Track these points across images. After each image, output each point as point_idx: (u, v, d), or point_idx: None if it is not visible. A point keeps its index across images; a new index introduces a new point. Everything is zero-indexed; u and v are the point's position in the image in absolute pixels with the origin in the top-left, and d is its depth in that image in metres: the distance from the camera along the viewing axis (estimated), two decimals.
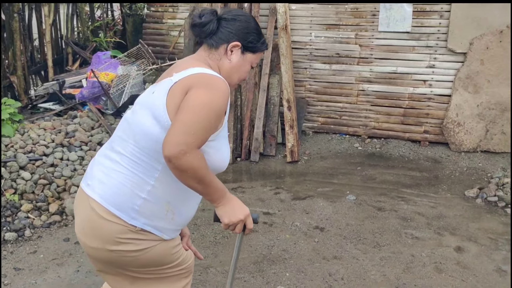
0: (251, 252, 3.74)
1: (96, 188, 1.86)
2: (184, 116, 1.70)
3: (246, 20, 1.98)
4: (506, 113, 5.43)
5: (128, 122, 1.92)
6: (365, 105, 6.02)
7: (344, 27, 5.88)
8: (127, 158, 1.85)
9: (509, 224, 4.14)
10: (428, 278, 3.40)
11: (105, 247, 1.84)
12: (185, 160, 1.67)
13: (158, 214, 1.86)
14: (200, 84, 1.77)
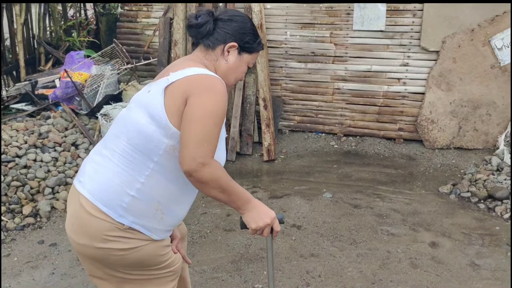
0: (229, 251, 3.74)
1: (87, 185, 1.85)
2: (195, 128, 1.71)
3: (243, 20, 1.99)
4: (478, 110, 5.53)
5: (122, 120, 1.92)
6: (340, 103, 6.06)
7: (319, 26, 5.91)
8: (118, 154, 1.84)
9: (482, 219, 4.21)
10: (403, 274, 3.44)
11: (93, 244, 1.82)
12: (205, 172, 1.70)
13: (146, 213, 1.84)
14: (201, 90, 1.77)
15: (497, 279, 3.38)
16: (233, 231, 4.02)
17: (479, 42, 5.37)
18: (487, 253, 3.70)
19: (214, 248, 3.79)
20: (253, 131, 5.70)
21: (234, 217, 4.23)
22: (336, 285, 3.33)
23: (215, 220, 4.21)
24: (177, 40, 5.47)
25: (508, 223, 4.13)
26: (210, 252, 3.73)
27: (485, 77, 5.45)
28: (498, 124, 5.52)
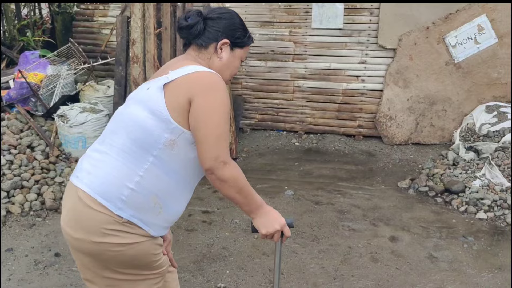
0: (191, 251, 3.71)
1: (84, 179, 1.85)
2: (209, 128, 1.77)
3: (231, 17, 2.02)
4: (434, 106, 5.66)
5: (120, 116, 1.94)
6: (301, 101, 6.10)
7: (278, 24, 5.93)
8: (117, 148, 1.86)
9: (439, 213, 4.31)
10: (364, 268, 3.49)
11: (90, 238, 1.81)
12: (226, 170, 1.78)
13: (145, 207, 1.84)
14: (205, 89, 1.81)
15: (454, 271, 3.46)
16: (195, 231, 3.99)
17: (434, 39, 5.50)
18: (444, 246, 3.79)
19: (176, 248, 3.75)
20: None
21: (195, 217, 4.21)
22: (298, 281, 3.35)
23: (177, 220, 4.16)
24: (135, 39, 5.39)
25: (464, 216, 4.24)
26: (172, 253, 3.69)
27: (440, 74, 5.58)
28: (453, 119, 5.67)
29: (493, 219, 4.17)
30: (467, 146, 5.18)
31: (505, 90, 5.50)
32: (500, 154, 4.68)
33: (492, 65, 5.46)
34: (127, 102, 1.97)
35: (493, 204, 4.30)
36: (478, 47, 5.43)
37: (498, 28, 5.34)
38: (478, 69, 5.50)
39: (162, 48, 5.51)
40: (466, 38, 5.43)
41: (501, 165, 4.57)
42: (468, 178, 4.68)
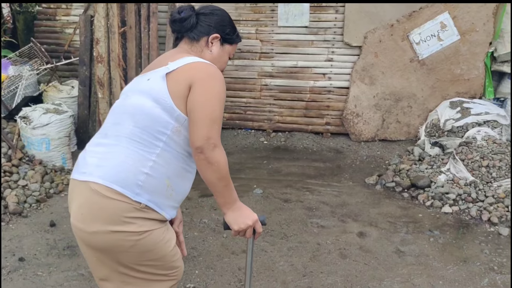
0: None
1: (95, 172, 1.87)
2: (205, 110, 1.85)
3: (222, 14, 2.14)
4: (400, 103, 5.74)
5: (121, 108, 2.00)
6: (268, 99, 6.10)
7: (245, 23, 5.92)
8: (126, 138, 1.91)
9: (406, 208, 4.37)
10: (333, 265, 3.51)
11: (108, 229, 1.83)
12: (216, 152, 1.84)
13: (159, 190, 1.90)
14: (204, 76, 1.91)
15: (420, 264, 3.51)
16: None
17: (398, 37, 5.57)
18: (411, 240, 3.84)
19: None
20: None
21: None
22: (268, 279, 3.35)
23: None
24: (99, 38, 5.30)
25: (430, 210, 4.31)
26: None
27: (405, 71, 5.66)
28: (418, 115, 5.75)
29: (458, 212, 4.25)
30: (432, 141, 5.27)
31: (468, 86, 5.61)
32: (464, 149, 4.76)
33: (455, 61, 5.56)
34: (126, 94, 2.03)
35: (457, 198, 4.38)
36: (441, 44, 5.53)
37: (460, 25, 5.45)
38: (442, 66, 5.59)
39: (127, 47, 5.44)
40: (430, 35, 5.52)
41: (465, 159, 4.66)
42: (434, 173, 4.76)
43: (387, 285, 3.29)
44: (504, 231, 3.93)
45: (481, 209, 4.23)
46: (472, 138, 4.88)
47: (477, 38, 5.46)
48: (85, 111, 5.57)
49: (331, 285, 3.29)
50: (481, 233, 3.95)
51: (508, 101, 5.61)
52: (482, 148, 4.70)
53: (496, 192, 4.35)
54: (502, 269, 3.46)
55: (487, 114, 5.21)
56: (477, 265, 3.52)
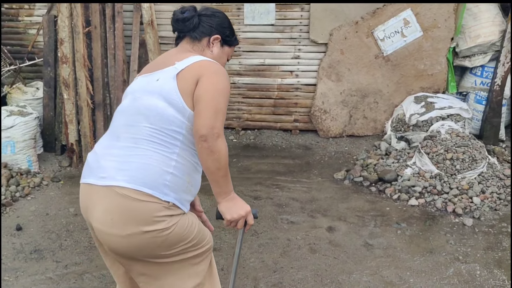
0: None
1: (117, 176, 1.90)
2: (210, 102, 1.91)
3: (223, 16, 2.24)
4: (366, 99, 5.82)
5: (132, 109, 2.03)
6: (237, 97, 6.11)
7: None
8: (144, 139, 1.96)
9: (374, 201, 4.44)
10: (303, 260, 3.55)
11: (141, 229, 1.88)
12: (219, 142, 1.89)
13: (182, 187, 1.98)
14: (209, 72, 1.98)
15: (388, 256, 3.59)
16: None
17: (363, 33, 5.65)
18: (379, 233, 3.91)
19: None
20: None
21: None
22: (239, 276, 3.36)
23: None
24: (63, 39, 5.23)
25: (397, 203, 4.39)
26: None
27: (370, 67, 5.74)
28: (384, 111, 5.85)
29: (424, 205, 4.34)
30: (398, 136, 5.37)
31: (432, 81, 5.73)
32: (428, 142, 4.86)
33: (418, 57, 5.67)
34: (133, 95, 2.07)
35: (423, 190, 4.48)
36: (405, 40, 5.63)
37: (422, 21, 5.55)
38: (406, 62, 5.70)
39: (93, 47, 5.37)
40: (394, 32, 5.61)
41: (430, 153, 4.76)
42: (400, 167, 4.85)
43: (356, 278, 3.34)
44: (468, 221, 4.04)
45: (446, 201, 4.34)
46: (437, 132, 4.99)
47: (439, 34, 5.58)
48: (51, 113, 5.48)
49: (301, 280, 3.32)
50: (446, 224, 4.05)
51: (470, 95, 5.76)
52: (446, 141, 4.81)
53: (460, 184, 4.47)
54: (466, 259, 3.56)
55: (450, 108, 5.33)
56: (442, 255, 3.61)
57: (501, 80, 5.51)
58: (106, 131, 5.31)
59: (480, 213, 4.17)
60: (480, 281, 3.32)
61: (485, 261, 3.53)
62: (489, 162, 4.77)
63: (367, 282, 3.30)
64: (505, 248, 3.70)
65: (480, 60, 5.61)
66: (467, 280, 3.33)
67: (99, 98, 5.35)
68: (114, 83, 5.43)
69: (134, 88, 2.10)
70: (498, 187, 4.48)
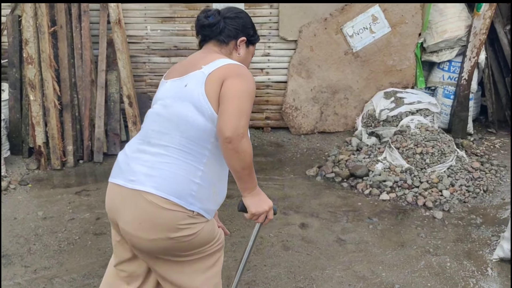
0: (100, 255, 3.59)
1: (146, 182, 1.96)
2: (235, 103, 1.92)
3: (245, 16, 2.25)
4: (337, 95, 5.85)
5: (163, 116, 2.05)
6: None
7: (180, 20, 5.86)
8: (175, 149, 1.99)
9: (346, 197, 4.47)
10: (276, 257, 3.55)
11: (166, 236, 1.96)
12: (243, 142, 1.90)
13: (208, 197, 2.03)
14: (234, 74, 2.00)
15: (361, 251, 3.61)
16: (103, 234, 3.86)
17: (332, 30, 5.67)
18: (351, 228, 3.93)
19: (84, 254, 3.62)
20: (119, 130, 5.51)
21: (104, 220, 4.07)
22: None
23: (84, 225, 4.02)
24: (28, 39, 5.11)
25: (368, 198, 4.43)
26: (80, 259, 3.56)
27: (340, 64, 5.77)
28: (355, 107, 5.89)
29: (395, 199, 4.39)
30: (369, 131, 5.41)
31: (401, 76, 5.79)
32: (399, 137, 4.91)
33: (387, 53, 5.72)
34: (164, 100, 2.08)
35: (394, 185, 4.52)
36: (373, 36, 5.67)
37: (390, 17, 5.61)
38: (375, 58, 5.74)
39: (59, 47, 5.27)
40: (362, 28, 5.65)
41: (400, 147, 4.81)
42: (371, 162, 4.89)
43: (329, 274, 3.35)
44: (438, 214, 4.10)
45: (416, 195, 4.39)
46: (406, 127, 5.04)
47: (407, 30, 5.64)
48: (17, 115, 5.36)
49: (274, 277, 3.32)
50: (417, 218, 4.09)
51: (438, 89, 5.84)
52: (415, 136, 4.87)
53: (430, 177, 4.52)
54: (437, 251, 3.61)
55: (419, 103, 5.40)
56: (414, 248, 3.65)
57: (468, 74, 5.61)
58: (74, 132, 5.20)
59: (450, 206, 4.23)
60: (450, 272, 3.36)
61: (455, 253, 3.58)
62: (458, 155, 4.85)
63: (340, 278, 3.31)
64: (474, 240, 3.76)
65: (447, 55, 5.70)
66: (437, 272, 3.37)
67: (66, 99, 5.25)
68: (82, 83, 5.34)
69: (164, 94, 2.12)
70: (466, 179, 4.56)
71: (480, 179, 4.63)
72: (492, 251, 3.59)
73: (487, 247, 3.67)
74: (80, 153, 5.36)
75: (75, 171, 5.14)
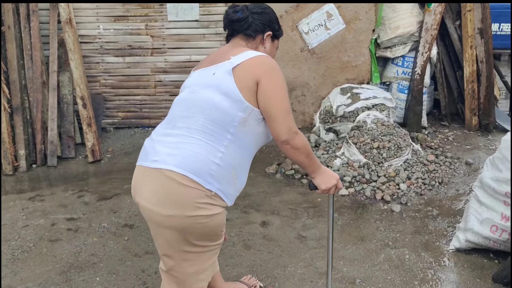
0: (56, 262, 3.48)
1: (169, 161, 2.03)
2: (278, 103, 2.06)
3: (271, 12, 2.36)
4: (294, 92, 5.87)
5: (189, 101, 2.15)
6: (164, 95, 5.99)
7: (133, 18, 5.75)
8: (197, 130, 2.08)
9: (305, 194, 4.48)
10: (238, 256, 3.52)
11: (183, 213, 2.02)
12: (298, 139, 2.10)
13: (227, 179, 2.09)
14: (268, 70, 2.09)
15: (322, 247, 3.62)
16: (59, 240, 3.75)
17: (288, 27, 5.68)
18: (312, 225, 3.95)
19: (39, 262, 3.50)
20: (74, 132, 5.37)
21: (59, 225, 3.95)
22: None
23: (39, 231, 3.89)
24: None
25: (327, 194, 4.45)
26: (35, 267, 3.43)
27: (297, 60, 5.79)
28: (312, 103, 5.92)
29: (354, 194, 4.43)
30: (327, 127, 5.45)
31: (356, 72, 5.86)
32: (356, 132, 4.97)
33: (342, 49, 5.78)
34: (191, 88, 2.19)
35: (353, 180, 4.57)
36: (328, 33, 5.72)
37: (344, 14, 5.66)
38: (331, 54, 5.79)
39: (7, 48, 5.09)
40: (317, 25, 5.69)
41: (357, 143, 4.86)
42: (330, 158, 4.92)
43: (291, 271, 3.35)
44: (396, 207, 4.16)
45: (375, 189, 4.45)
46: (363, 122, 5.10)
47: (361, 26, 5.71)
48: None
49: (236, 277, 3.29)
50: (376, 212, 4.15)
51: (393, 84, 5.94)
52: (372, 130, 4.93)
53: (387, 171, 4.59)
54: (396, 244, 3.66)
55: (375, 98, 5.47)
56: (373, 242, 3.69)
57: (421, 69, 5.72)
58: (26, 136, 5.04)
59: (407, 199, 4.30)
60: (409, 264, 3.42)
61: (413, 245, 3.65)
62: (413, 149, 4.94)
63: (302, 274, 3.32)
64: (431, 231, 3.84)
65: (400, 51, 5.80)
66: (397, 265, 3.42)
67: (16, 101, 5.08)
68: (33, 85, 5.18)
69: (192, 82, 2.22)
70: (422, 172, 4.65)
71: (435, 171, 4.73)
72: (449, 242, 3.67)
73: (444, 238, 3.75)
74: (33, 157, 5.20)
75: (28, 176, 4.98)
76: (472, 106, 5.87)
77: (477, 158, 5.19)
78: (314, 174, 2.26)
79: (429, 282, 3.23)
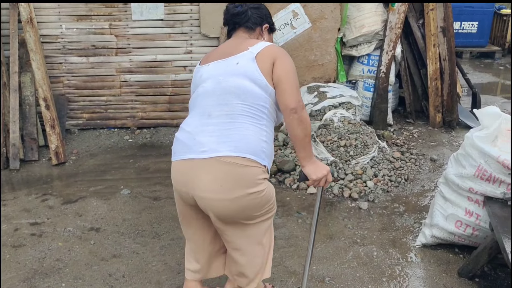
0: (20, 269, 3.38)
1: (220, 148, 2.19)
2: (290, 80, 2.27)
3: (265, 7, 2.61)
4: None
5: (220, 90, 2.30)
6: (130, 96, 5.90)
7: (97, 18, 5.65)
8: (239, 115, 2.26)
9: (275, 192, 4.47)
10: None
11: (246, 192, 2.21)
12: (304, 112, 2.26)
13: (271, 154, 2.35)
14: (282, 54, 2.32)
15: (291, 246, 3.63)
16: (23, 246, 3.65)
17: None
18: (281, 224, 3.95)
19: (2, 268, 3.40)
20: (37, 135, 5.24)
21: (23, 230, 3.85)
22: (141, 282, 3.24)
23: (1, 237, 3.78)
24: None
25: (296, 193, 4.47)
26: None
27: None
28: None
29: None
30: None
31: (323, 71, 5.90)
32: (323, 131, 4.99)
33: (308, 48, 5.80)
34: (216, 78, 2.33)
35: None
36: (295, 32, 5.73)
37: (310, 13, 5.68)
38: (297, 53, 5.80)
39: None
40: (284, 24, 5.69)
41: (324, 141, 4.88)
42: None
43: None
44: (363, 205, 4.20)
45: (342, 187, 4.48)
46: (330, 120, 5.13)
47: (327, 25, 5.74)
48: None
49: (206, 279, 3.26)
50: (344, 209, 4.18)
51: (359, 83, 6.00)
52: (339, 129, 4.97)
53: (354, 169, 4.63)
54: (364, 241, 3.70)
55: (341, 96, 5.51)
56: (342, 240, 3.72)
57: (386, 67, 5.79)
58: None
59: (374, 196, 4.35)
60: (378, 261, 3.45)
61: (381, 242, 3.69)
62: (380, 146, 5.00)
63: (272, 274, 3.29)
64: (398, 228, 3.89)
65: (365, 49, 5.86)
66: (365, 262, 3.45)
67: None
68: None
69: (213, 73, 2.36)
70: (388, 169, 4.71)
71: (401, 168, 4.80)
72: (415, 238, 3.73)
73: (410, 234, 3.80)
74: None
75: None
76: (436, 103, 5.98)
77: (441, 154, 5.29)
78: (305, 161, 2.35)
79: (397, 278, 3.27)
